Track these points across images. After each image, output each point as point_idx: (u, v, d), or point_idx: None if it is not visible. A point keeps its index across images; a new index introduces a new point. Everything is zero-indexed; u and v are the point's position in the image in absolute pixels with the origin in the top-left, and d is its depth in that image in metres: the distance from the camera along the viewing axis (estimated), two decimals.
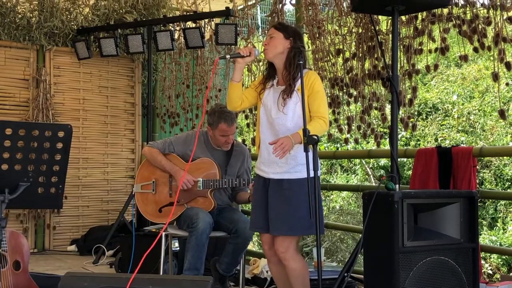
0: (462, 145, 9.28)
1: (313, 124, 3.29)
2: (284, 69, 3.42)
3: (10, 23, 6.39)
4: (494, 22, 3.89)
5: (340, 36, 5.04)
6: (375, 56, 4.72)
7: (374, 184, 9.84)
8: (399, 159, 3.40)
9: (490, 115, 9.93)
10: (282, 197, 3.37)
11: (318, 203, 3.23)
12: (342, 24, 5.01)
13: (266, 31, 5.95)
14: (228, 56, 3.57)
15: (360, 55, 4.83)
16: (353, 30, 4.91)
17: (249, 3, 6.14)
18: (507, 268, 8.12)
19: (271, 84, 3.49)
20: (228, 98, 3.59)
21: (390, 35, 3.96)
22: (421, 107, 10.71)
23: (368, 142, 9.33)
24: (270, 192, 3.43)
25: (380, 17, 4.57)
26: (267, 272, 4.72)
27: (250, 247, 7.21)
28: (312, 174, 3.16)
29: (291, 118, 3.36)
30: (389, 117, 4.01)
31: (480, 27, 3.98)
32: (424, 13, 4.28)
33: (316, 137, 3.14)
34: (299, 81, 3.33)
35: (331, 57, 5.13)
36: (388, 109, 4.64)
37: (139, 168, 4.50)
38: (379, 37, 4.43)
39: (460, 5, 4.09)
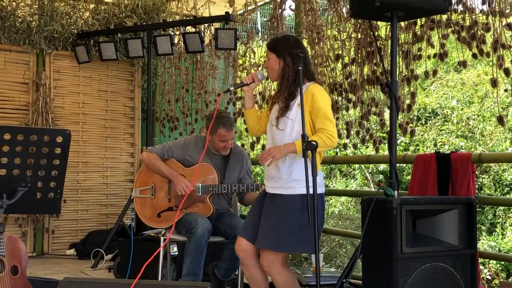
0: (461, 150, 9.28)
1: (314, 137, 3.21)
2: (281, 88, 3.40)
3: (10, 26, 6.40)
4: (493, 28, 3.90)
5: (339, 42, 5.05)
6: (374, 61, 4.72)
7: (373, 189, 9.84)
8: (398, 165, 3.39)
9: (489, 121, 9.93)
10: (274, 211, 3.35)
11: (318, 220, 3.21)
12: (341, 29, 5.02)
13: (265, 36, 5.96)
14: (232, 88, 3.59)
15: (359, 60, 4.84)
16: (352, 36, 4.92)
17: (249, 8, 6.14)
18: (506, 273, 8.11)
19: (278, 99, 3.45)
20: (247, 126, 3.64)
21: (389, 41, 3.96)
22: (420, 112, 10.71)
23: (367, 147, 9.33)
24: (265, 205, 3.41)
25: (379, 22, 4.57)
26: None
27: None
28: (311, 180, 3.15)
29: (289, 135, 3.31)
30: (387, 123, 4.01)
31: (479, 33, 3.99)
32: (423, 19, 4.29)
33: (315, 143, 3.12)
34: (299, 97, 3.29)
35: (330, 62, 5.14)
36: (387, 114, 4.65)
37: (138, 172, 4.50)
38: (378, 42, 4.44)
39: (459, 11, 4.10)
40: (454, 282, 3.15)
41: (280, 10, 5.62)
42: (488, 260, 7.92)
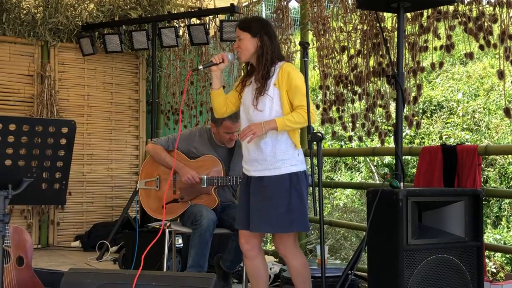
0: (467, 143, 9.25)
1: (293, 114, 3.26)
2: (258, 67, 3.38)
3: (15, 18, 6.40)
4: (500, 19, 3.87)
5: (345, 33, 5.03)
6: (380, 53, 4.70)
7: (378, 182, 9.82)
8: (403, 157, 3.38)
9: (495, 113, 9.89)
10: (262, 194, 3.33)
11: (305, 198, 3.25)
12: (347, 21, 5.00)
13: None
14: (201, 67, 3.53)
15: (365, 52, 4.81)
16: (358, 27, 4.90)
17: (254, 0, 6.12)
18: (511, 267, 8.10)
19: (250, 81, 3.43)
20: (213, 107, 3.60)
21: (395, 32, 3.94)
22: (425, 105, 10.67)
23: (372, 140, 9.31)
24: (251, 190, 3.39)
25: (385, 14, 4.55)
26: (270, 269, 4.72)
27: None
28: (315, 169, 3.16)
29: (268, 115, 3.30)
30: (393, 115, 4.00)
31: (486, 24, 3.96)
32: (430, 10, 4.26)
33: (320, 134, 3.13)
34: (275, 76, 3.31)
35: (336, 54, 5.11)
36: (392, 106, 4.63)
37: (143, 164, 4.50)
38: (384, 34, 4.41)
39: (466, 2, 4.07)
40: (460, 274, 3.14)
41: (285, 2, 5.60)
42: (493, 253, 7.91)
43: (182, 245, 4.71)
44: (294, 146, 3.34)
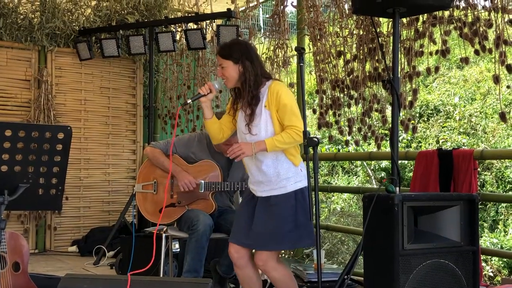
0: (463, 147, 9.26)
1: (282, 134, 3.27)
2: (243, 93, 3.39)
3: (12, 23, 6.40)
4: (495, 24, 3.89)
5: (341, 38, 5.04)
6: (376, 58, 4.71)
7: (375, 186, 9.83)
8: (400, 161, 3.39)
9: (492, 117, 9.91)
10: (270, 213, 3.35)
11: (312, 211, 3.25)
12: (343, 26, 5.01)
13: (267, 33, 5.95)
14: (189, 101, 3.55)
15: (361, 57, 4.83)
16: (354, 32, 4.91)
17: (251, 5, 6.14)
18: (508, 270, 8.10)
19: (241, 105, 3.43)
20: (209, 135, 3.63)
21: (391, 37, 3.95)
22: (422, 109, 10.69)
23: (369, 144, 9.32)
24: (257, 208, 3.40)
25: (381, 19, 4.56)
26: None
27: None
28: (312, 177, 3.16)
29: (264, 137, 3.30)
30: (389, 119, 4.01)
31: (481, 29, 3.98)
32: (425, 15, 4.28)
33: (316, 139, 3.14)
34: (264, 97, 3.33)
35: (332, 59, 5.13)
36: (388, 111, 4.64)
37: (140, 168, 4.49)
38: (380, 39, 4.42)
39: (461, 7, 4.09)
40: (456, 278, 3.15)
41: (282, 7, 5.62)
42: (490, 257, 7.92)
43: (179, 250, 4.71)
44: (294, 164, 3.36)
